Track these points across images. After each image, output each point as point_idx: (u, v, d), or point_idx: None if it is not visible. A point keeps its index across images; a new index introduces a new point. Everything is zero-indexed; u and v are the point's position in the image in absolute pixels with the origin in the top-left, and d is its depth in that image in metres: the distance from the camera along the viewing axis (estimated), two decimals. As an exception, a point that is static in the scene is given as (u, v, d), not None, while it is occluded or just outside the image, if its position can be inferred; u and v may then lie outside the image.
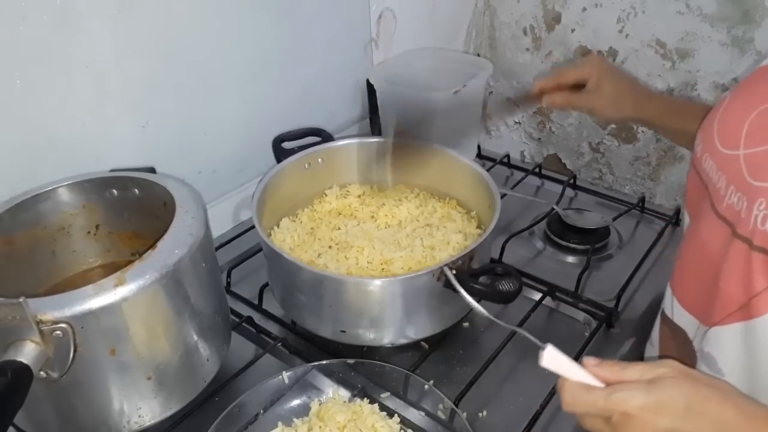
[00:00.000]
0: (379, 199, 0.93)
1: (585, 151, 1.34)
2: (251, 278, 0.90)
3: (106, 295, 0.56)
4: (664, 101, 0.88)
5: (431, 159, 0.91)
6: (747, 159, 0.54)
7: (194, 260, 0.63)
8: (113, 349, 0.58)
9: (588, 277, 0.90)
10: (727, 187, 0.55)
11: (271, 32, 0.98)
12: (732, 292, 0.54)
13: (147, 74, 0.84)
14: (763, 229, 0.50)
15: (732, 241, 0.53)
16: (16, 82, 0.71)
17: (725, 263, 0.54)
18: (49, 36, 0.72)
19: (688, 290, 0.62)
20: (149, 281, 0.58)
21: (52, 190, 0.71)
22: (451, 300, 0.73)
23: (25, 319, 0.52)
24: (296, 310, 0.77)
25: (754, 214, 0.51)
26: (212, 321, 0.69)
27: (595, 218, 1.01)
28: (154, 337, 0.62)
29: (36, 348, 0.53)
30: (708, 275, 0.57)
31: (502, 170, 1.22)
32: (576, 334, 0.80)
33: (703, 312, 0.59)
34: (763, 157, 0.53)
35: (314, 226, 0.89)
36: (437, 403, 0.67)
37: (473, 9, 1.34)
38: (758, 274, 0.51)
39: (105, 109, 0.81)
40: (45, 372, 0.55)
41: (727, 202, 0.55)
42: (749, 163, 0.53)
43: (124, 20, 0.78)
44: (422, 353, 0.77)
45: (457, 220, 0.88)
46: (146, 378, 0.62)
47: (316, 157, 0.91)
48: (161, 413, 0.65)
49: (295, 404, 0.69)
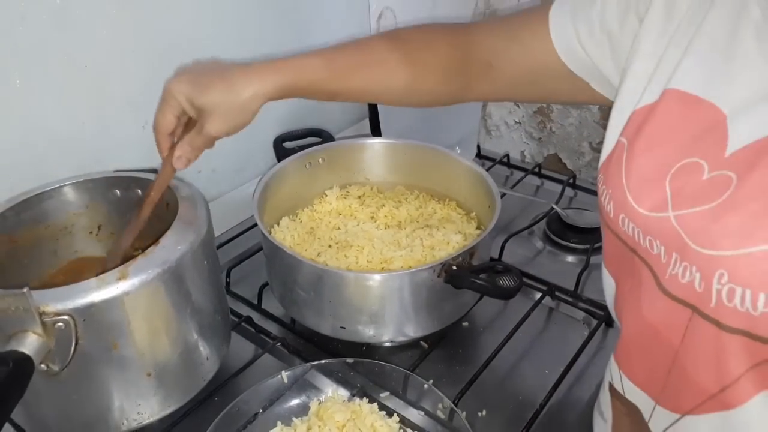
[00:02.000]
0: (379, 201, 0.93)
1: (585, 151, 1.34)
2: (250, 278, 0.90)
3: (108, 288, 0.56)
4: (288, 72, 0.63)
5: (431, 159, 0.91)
6: (682, 222, 0.45)
7: (196, 257, 0.63)
8: (114, 344, 0.58)
9: (588, 276, 0.90)
10: (667, 255, 0.46)
11: (272, 32, 0.98)
12: (700, 379, 0.46)
13: (147, 74, 0.84)
14: (731, 306, 0.42)
15: (692, 322, 0.45)
16: (15, 82, 0.71)
17: (688, 348, 0.46)
18: (48, 36, 0.72)
19: (638, 369, 0.53)
20: (151, 276, 0.59)
21: (56, 189, 0.71)
22: (451, 298, 0.73)
23: (28, 310, 0.52)
24: (296, 307, 0.77)
25: (715, 288, 0.42)
26: (212, 319, 0.69)
27: (594, 218, 1.01)
28: (155, 333, 0.62)
29: (38, 339, 0.53)
30: (662, 357, 0.49)
31: (502, 170, 1.22)
32: (575, 333, 0.80)
33: (659, 392, 0.51)
34: (703, 219, 0.44)
35: (314, 225, 0.89)
36: (437, 403, 0.67)
37: (473, 8, 1.34)
38: (733, 357, 0.43)
39: (105, 109, 0.81)
40: (46, 365, 0.55)
41: (670, 272, 0.46)
42: (687, 228, 0.45)
43: (123, 20, 0.79)
44: (422, 353, 0.77)
45: (457, 222, 0.88)
46: (146, 375, 0.62)
47: (317, 157, 0.91)
48: (160, 411, 0.65)
49: (295, 404, 0.69)
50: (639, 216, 0.49)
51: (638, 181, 0.50)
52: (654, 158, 0.49)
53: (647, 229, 0.48)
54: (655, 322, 0.48)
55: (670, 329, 0.47)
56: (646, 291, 0.49)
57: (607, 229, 0.54)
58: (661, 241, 0.47)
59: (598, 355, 0.78)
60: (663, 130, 0.50)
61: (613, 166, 0.53)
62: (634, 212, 0.49)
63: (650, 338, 0.49)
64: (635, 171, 0.50)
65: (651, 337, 0.49)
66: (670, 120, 0.49)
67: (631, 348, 0.53)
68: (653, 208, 0.48)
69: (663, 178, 0.48)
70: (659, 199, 0.47)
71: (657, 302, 0.48)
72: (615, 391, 0.56)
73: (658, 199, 0.47)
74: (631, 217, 0.50)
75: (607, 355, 0.77)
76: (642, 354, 0.52)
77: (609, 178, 0.53)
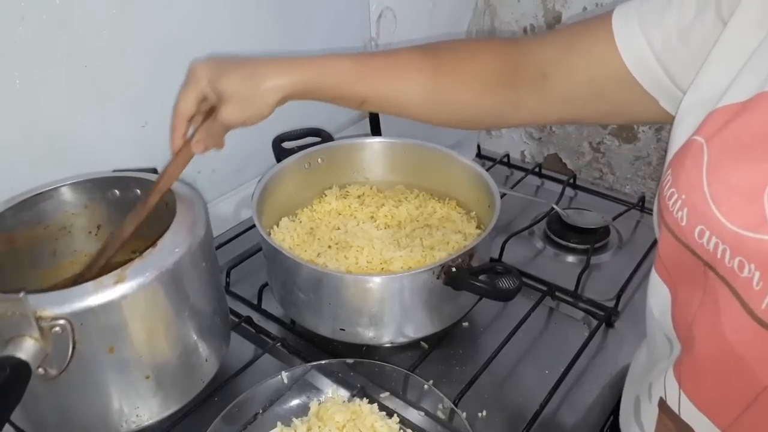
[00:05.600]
0: (379, 200, 0.93)
1: (585, 151, 1.34)
2: (250, 278, 0.90)
3: (105, 292, 0.56)
4: (314, 68, 0.62)
5: (431, 159, 0.91)
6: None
7: (194, 259, 0.63)
8: (112, 347, 0.58)
9: (588, 276, 0.90)
10: (762, 282, 0.41)
11: (271, 31, 0.98)
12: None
13: (147, 74, 0.84)
14: None
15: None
16: (15, 82, 0.71)
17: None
18: (48, 36, 0.72)
19: (706, 394, 0.48)
20: (149, 279, 0.58)
21: (55, 189, 0.71)
22: (450, 299, 0.73)
23: (25, 314, 0.52)
24: (295, 309, 0.77)
25: None
26: (211, 321, 0.69)
27: (595, 218, 1.01)
28: (153, 336, 0.62)
29: (35, 344, 0.53)
30: (744, 390, 0.44)
31: (502, 170, 1.22)
32: (576, 333, 0.80)
33: (729, 424, 0.47)
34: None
35: (314, 226, 0.89)
36: (437, 403, 0.67)
37: (473, 8, 1.34)
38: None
39: (104, 109, 0.81)
40: (43, 369, 0.55)
41: (764, 303, 0.41)
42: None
43: (123, 20, 0.79)
44: (422, 353, 0.77)
45: (457, 221, 0.88)
46: (145, 377, 0.62)
47: (316, 157, 0.91)
48: (159, 413, 0.65)
49: (294, 404, 0.69)
50: (728, 233, 0.43)
51: (728, 192, 0.44)
52: (748, 170, 0.43)
53: (738, 248, 0.42)
54: (742, 351, 0.43)
55: (760, 363, 0.42)
56: (728, 313, 0.44)
57: (669, 235, 0.48)
58: (757, 266, 0.41)
59: (598, 355, 0.78)
60: (757, 137, 0.44)
61: (689, 168, 0.46)
62: (720, 227, 0.43)
63: (731, 366, 0.44)
64: (723, 180, 0.44)
65: (732, 365, 0.44)
66: (766, 127, 0.43)
67: (702, 370, 0.48)
68: (748, 227, 0.42)
69: (760, 195, 0.42)
70: (757, 217, 0.41)
71: (746, 330, 0.42)
72: (667, 408, 0.51)
73: (755, 217, 0.42)
74: (715, 231, 0.44)
75: (607, 355, 0.78)
76: (716, 380, 0.46)
77: (682, 181, 0.47)
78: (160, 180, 0.66)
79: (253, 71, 0.60)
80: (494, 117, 0.66)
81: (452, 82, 0.64)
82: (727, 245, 0.43)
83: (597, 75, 0.58)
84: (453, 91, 0.64)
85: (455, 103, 0.65)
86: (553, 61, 0.61)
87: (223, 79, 0.60)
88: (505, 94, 0.64)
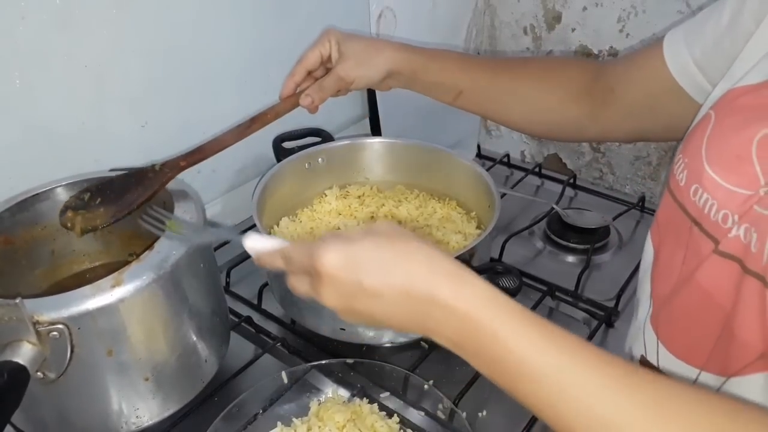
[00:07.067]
0: (379, 200, 0.93)
1: (585, 151, 1.34)
2: (250, 278, 0.90)
3: (103, 295, 0.56)
4: (424, 53, 0.75)
5: (431, 159, 0.91)
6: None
7: (192, 261, 0.63)
8: (110, 350, 0.58)
9: (588, 276, 0.90)
10: (734, 224, 0.46)
11: (271, 31, 0.98)
12: (749, 338, 0.46)
13: (147, 74, 0.84)
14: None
15: (743, 281, 0.46)
16: (15, 81, 0.71)
17: (738, 307, 0.47)
18: (48, 36, 0.72)
19: (680, 339, 0.54)
20: (146, 282, 0.58)
21: (52, 189, 0.71)
22: (450, 300, 0.73)
23: (22, 320, 0.52)
24: (296, 308, 0.77)
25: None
26: (210, 322, 0.69)
27: (595, 218, 1.01)
28: (152, 338, 0.61)
29: (33, 349, 0.53)
30: (711, 321, 0.49)
31: (502, 170, 1.22)
32: (576, 333, 0.79)
33: (704, 360, 0.51)
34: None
35: (314, 225, 0.89)
36: (437, 403, 0.67)
37: (473, 8, 1.34)
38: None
39: (104, 109, 0.81)
40: (42, 373, 0.55)
41: (729, 235, 0.47)
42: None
43: (123, 20, 0.79)
44: (422, 353, 0.76)
45: (457, 221, 0.88)
46: (144, 379, 0.62)
47: (316, 157, 0.91)
48: (159, 414, 0.65)
49: (295, 404, 0.69)
50: (719, 189, 0.48)
51: (720, 153, 0.49)
52: (741, 133, 0.48)
53: (725, 203, 0.47)
54: (708, 286, 0.49)
55: (721, 291, 0.48)
56: (707, 263, 0.49)
57: (669, 197, 0.55)
58: (740, 217, 0.46)
59: (598, 355, 0.78)
60: (756, 108, 0.48)
61: (696, 136, 0.52)
62: (713, 185, 0.48)
63: (701, 304, 0.50)
64: (718, 144, 0.49)
65: (702, 303, 0.50)
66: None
67: (675, 317, 0.54)
68: (740, 184, 0.47)
69: (749, 154, 0.46)
70: (747, 176, 0.46)
71: (712, 264, 0.48)
72: (648, 364, 0.57)
73: (746, 176, 0.46)
74: (708, 189, 0.49)
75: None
76: (688, 322, 0.52)
77: (688, 148, 0.53)
78: (268, 112, 0.74)
79: (375, 42, 0.75)
80: (575, 123, 0.74)
81: (541, 85, 0.74)
82: (716, 200, 0.48)
83: (652, 88, 0.65)
84: (541, 92, 0.74)
85: (541, 103, 0.74)
86: (618, 76, 0.69)
87: (349, 42, 0.73)
88: (585, 104, 0.72)
